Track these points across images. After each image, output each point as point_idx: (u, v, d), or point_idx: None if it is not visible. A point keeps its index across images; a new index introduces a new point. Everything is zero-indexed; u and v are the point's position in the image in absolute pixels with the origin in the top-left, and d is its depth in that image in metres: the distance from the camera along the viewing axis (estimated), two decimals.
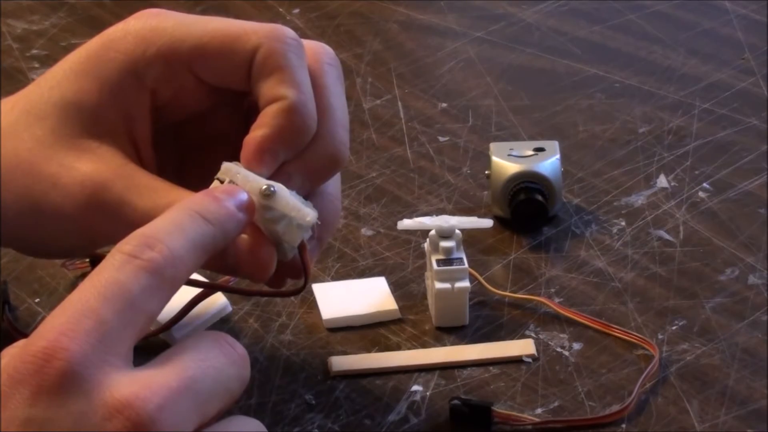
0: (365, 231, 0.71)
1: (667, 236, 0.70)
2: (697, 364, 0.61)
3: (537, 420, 0.57)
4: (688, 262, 0.68)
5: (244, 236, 0.50)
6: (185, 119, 0.56)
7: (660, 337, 0.63)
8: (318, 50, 0.54)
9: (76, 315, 0.41)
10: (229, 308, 0.64)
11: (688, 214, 0.72)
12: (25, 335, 0.58)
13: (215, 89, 0.54)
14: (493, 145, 0.72)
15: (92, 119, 0.52)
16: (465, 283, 0.62)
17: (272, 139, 0.51)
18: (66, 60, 0.54)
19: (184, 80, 0.53)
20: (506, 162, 0.71)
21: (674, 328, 0.63)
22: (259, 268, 0.50)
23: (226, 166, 0.50)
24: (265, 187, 0.49)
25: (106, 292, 0.41)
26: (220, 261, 0.49)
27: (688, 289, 0.66)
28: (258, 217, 0.49)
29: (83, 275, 0.67)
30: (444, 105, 0.83)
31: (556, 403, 0.59)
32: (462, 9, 0.95)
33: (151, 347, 0.53)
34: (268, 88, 0.51)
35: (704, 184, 0.74)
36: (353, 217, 0.72)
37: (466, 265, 0.63)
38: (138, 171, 0.52)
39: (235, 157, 0.51)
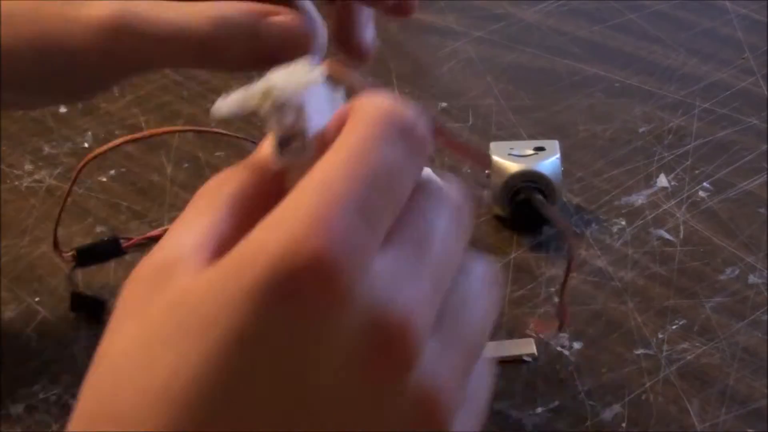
0: None
1: (667, 236, 0.70)
2: (697, 363, 0.61)
3: None
4: (688, 262, 0.68)
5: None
6: None
7: (660, 336, 0.63)
8: None
9: None
10: None
11: (688, 214, 0.72)
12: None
13: None
14: (493, 145, 0.72)
15: None
16: None
17: None
18: None
19: None
20: (506, 161, 0.71)
21: (674, 327, 0.63)
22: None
23: None
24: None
25: None
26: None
27: (688, 289, 0.66)
28: None
29: (80, 267, 0.67)
30: (444, 105, 0.83)
31: (556, 403, 0.59)
32: (462, 9, 0.95)
33: None
34: None
35: (704, 184, 0.74)
36: None
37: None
38: None
39: None
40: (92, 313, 0.65)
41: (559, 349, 0.62)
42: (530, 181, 0.70)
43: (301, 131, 0.37)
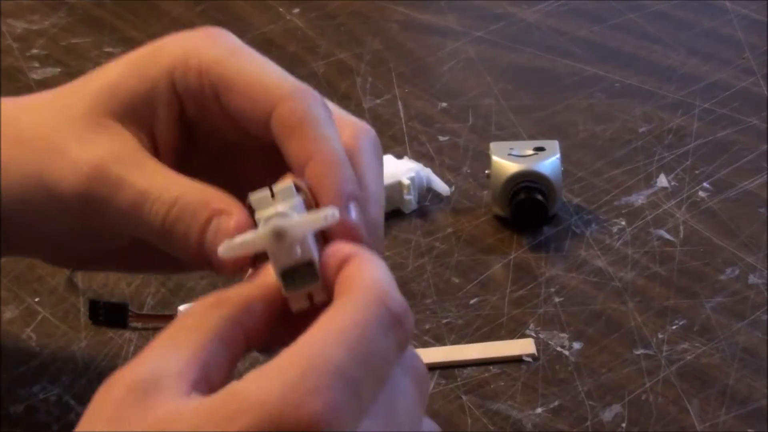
0: None
1: (667, 236, 0.70)
2: (697, 363, 0.61)
3: None
4: (688, 262, 0.68)
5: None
6: (224, 150, 0.53)
7: (660, 336, 0.63)
8: (358, 128, 0.48)
9: None
10: None
11: (688, 214, 0.72)
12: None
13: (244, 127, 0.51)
14: (493, 145, 0.72)
15: (123, 104, 0.51)
16: None
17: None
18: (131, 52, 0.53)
19: (211, 104, 0.50)
20: (506, 161, 0.71)
21: (674, 327, 0.63)
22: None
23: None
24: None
25: None
26: None
27: (689, 289, 0.66)
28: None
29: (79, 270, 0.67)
30: (444, 104, 0.83)
31: (556, 403, 0.59)
32: (462, 9, 0.95)
33: None
34: (293, 148, 0.46)
35: (704, 184, 0.74)
36: None
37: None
38: (148, 156, 0.49)
39: None
40: (113, 319, 0.64)
41: (559, 349, 0.62)
42: (530, 181, 0.70)
43: (309, 260, 0.39)
